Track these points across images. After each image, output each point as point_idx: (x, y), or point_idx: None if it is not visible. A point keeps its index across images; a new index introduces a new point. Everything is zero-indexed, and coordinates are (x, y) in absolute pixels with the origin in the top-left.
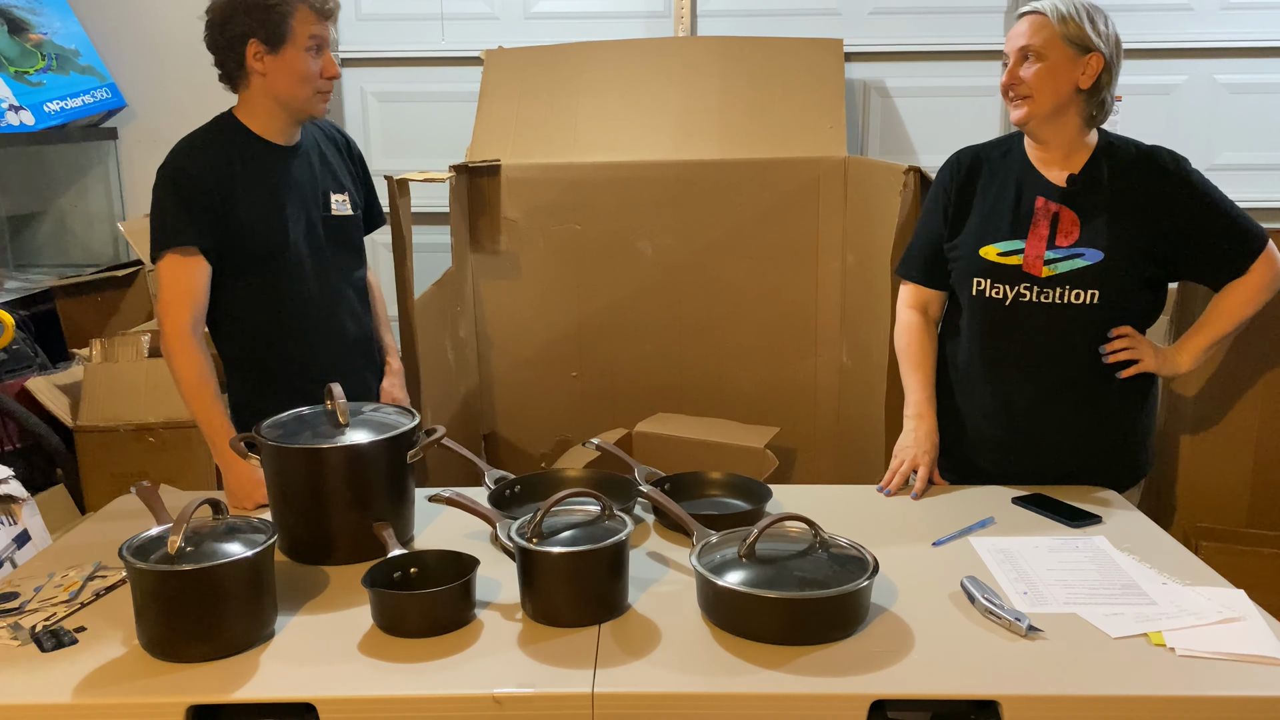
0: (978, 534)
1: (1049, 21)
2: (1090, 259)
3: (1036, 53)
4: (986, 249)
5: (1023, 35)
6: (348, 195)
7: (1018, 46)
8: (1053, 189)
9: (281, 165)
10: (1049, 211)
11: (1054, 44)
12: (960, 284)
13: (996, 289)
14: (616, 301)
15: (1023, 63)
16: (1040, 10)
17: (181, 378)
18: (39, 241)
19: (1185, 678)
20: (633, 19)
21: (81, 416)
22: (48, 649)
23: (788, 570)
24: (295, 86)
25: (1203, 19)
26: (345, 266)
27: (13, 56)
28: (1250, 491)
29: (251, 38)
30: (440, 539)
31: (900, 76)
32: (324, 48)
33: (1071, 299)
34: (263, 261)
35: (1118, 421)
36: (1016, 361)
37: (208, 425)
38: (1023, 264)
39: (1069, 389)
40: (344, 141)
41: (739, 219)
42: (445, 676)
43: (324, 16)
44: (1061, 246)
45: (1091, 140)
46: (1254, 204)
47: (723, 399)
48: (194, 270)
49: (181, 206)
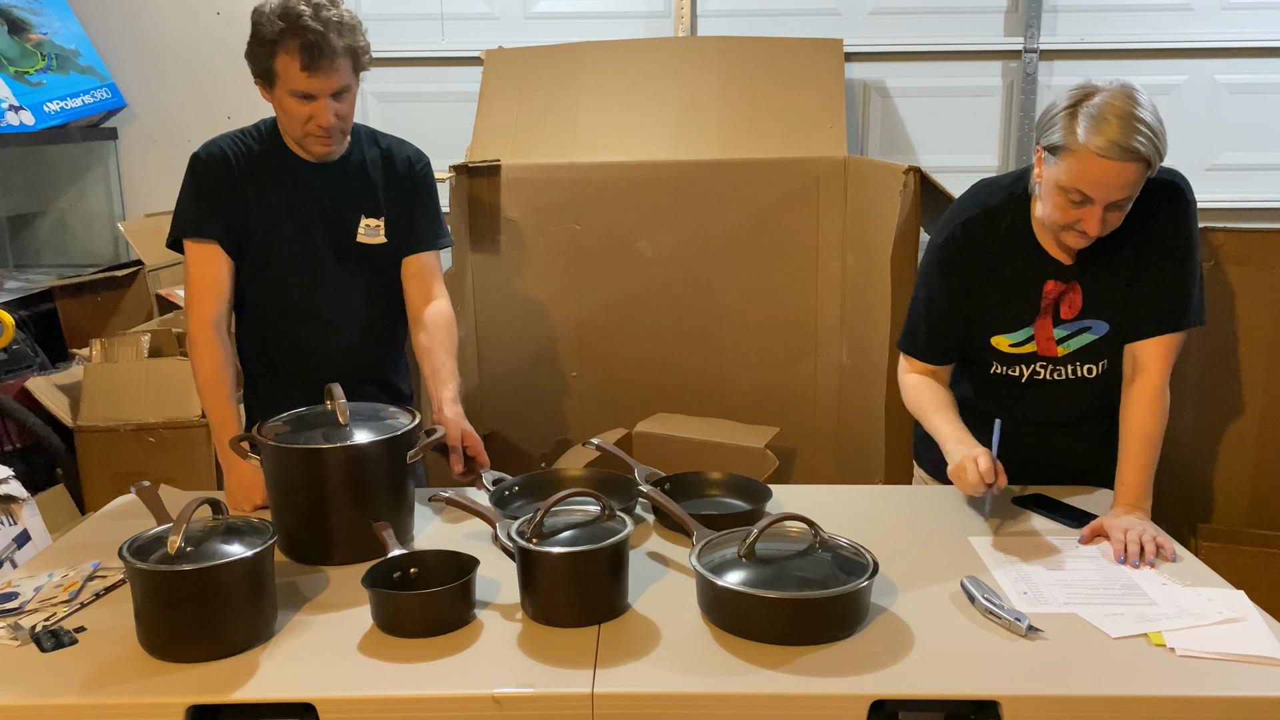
0: (977, 534)
1: (1149, 169)
2: (1097, 332)
3: (1130, 197)
4: (998, 339)
5: (1123, 188)
6: (383, 222)
7: (1118, 198)
8: (1060, 269)
9: (307, 180)
10: (1056, 292)
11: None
12: (974, 363)
13: (1014, 369)
14: (616, 301)
15: (1111, 208)
16: (1146, 157)
17: (198, 370)
18: (39, 241)
19: (1185, 678)
20: (633, 19)
21: (81, 416)
22: (48, 649)
23: (788, 570)
24: (286, 123)
25: (1203, 19)
26: (366, 294)
27: (13, 56)
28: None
29: (254, 74)
30: (440, 539)
31: (900, 76)
32: (312, 98)
33: (1084, 373)
34: (273, 268)
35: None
36: (1031, 418)
37: (216, 422)
38: (1036, 349)
39: (1083, 432)
40: (407, 167)
41: (739, 219)
42: (445, 676)
43: (311, 70)
44: (1067, 320)
45: None
46: (1254, 204)
47: (723, 399)
48: (215, 260)
49: (200, 196)
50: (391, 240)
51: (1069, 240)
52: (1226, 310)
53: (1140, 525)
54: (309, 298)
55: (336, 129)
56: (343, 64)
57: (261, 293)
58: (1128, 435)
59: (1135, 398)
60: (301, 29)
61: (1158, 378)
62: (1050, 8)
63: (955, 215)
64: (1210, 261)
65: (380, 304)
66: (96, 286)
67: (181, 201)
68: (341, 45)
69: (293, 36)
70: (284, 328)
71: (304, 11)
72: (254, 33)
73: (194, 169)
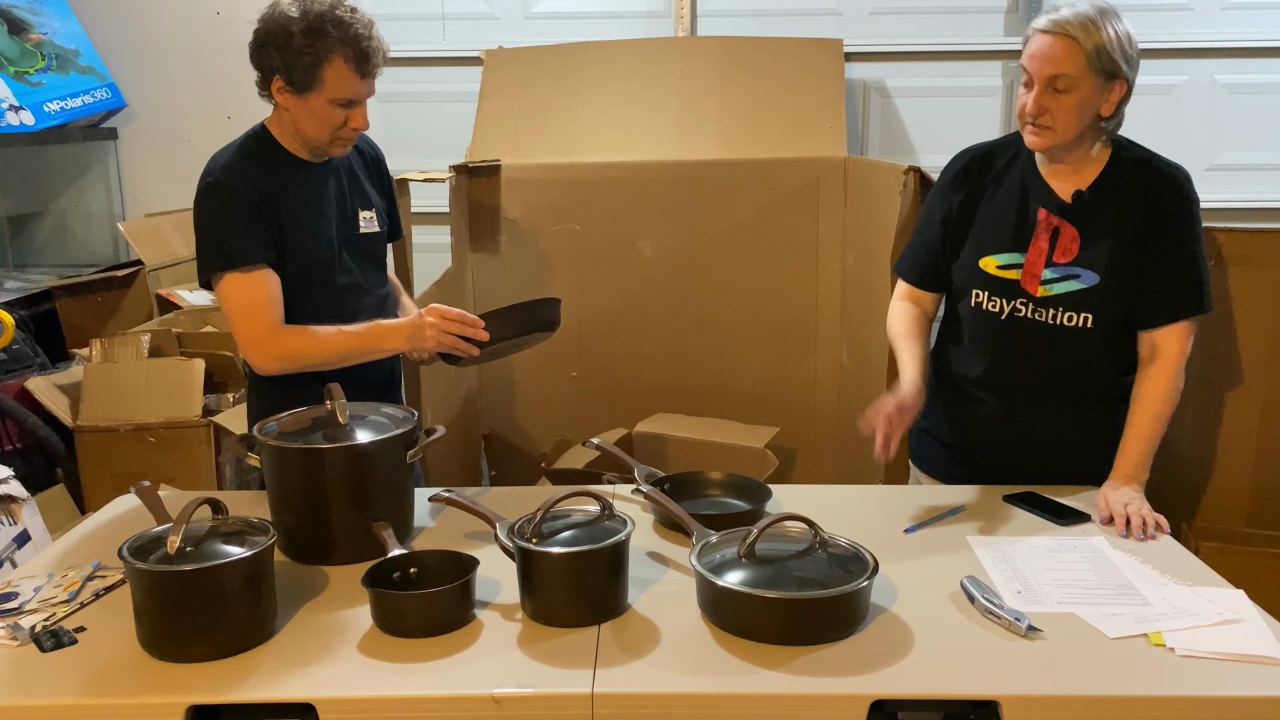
0: (977, 535)
1: (1082, 51)
2: (1086, 282)
3: (1068, 84)
4: (986, 260)
5: (1053, 63)
6: (375, 212)
7: (1047, 74)
8: (1057, 202)
9: (315, 181)
10: (1050, 225)
11: (1085, 76)
12: (959, 293)
13: (994, 302)
14: (616, 301)
15: (1048, 90)
16: (1073, 37)
17: (300, 354)
18: (39, 241)
19: (1185, 678)
20: (633, 19)
21: (81, 416)
22: (48, 649)
23: (787, 570)
24: (314, 130)
25: (1203, 19)
26: (370, 282)
27: (13, 56)
28: (1250, 491)
29: (277, 74)
30: (440, 539)
31: (900, 76)
32: (358, 103)
33: (1065, 321)
34: (303, 274)
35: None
36: (1015, 371)
37: (364, 339)
38: (1020, 279)
39: (1065, 399)
40: (373, 156)
41: (739, 219)
42: (445, 676)
43: (364, 75)
44: (1059, 264)
45: (1103, 153)
46: (1254, 204)
47: (723, 399)
48: (265, 281)
49: (238, 225)
50: (382, 230)
51: (1029, 140)
52: (1226, 310)
53: (1138, 501)
54: (327, 295)
55: None
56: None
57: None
58: (1138, 407)
59: (1152, 375)
60: (355, 37)
61: (1175, 359)
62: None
63: (964, 150)
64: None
65: (379, 294)
66: (96, 286)
67: (218, 233)
68: (384, 48)
69: (345, 45)
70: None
71: (347, 18)
72: (285, 41)
73: (223, 199)
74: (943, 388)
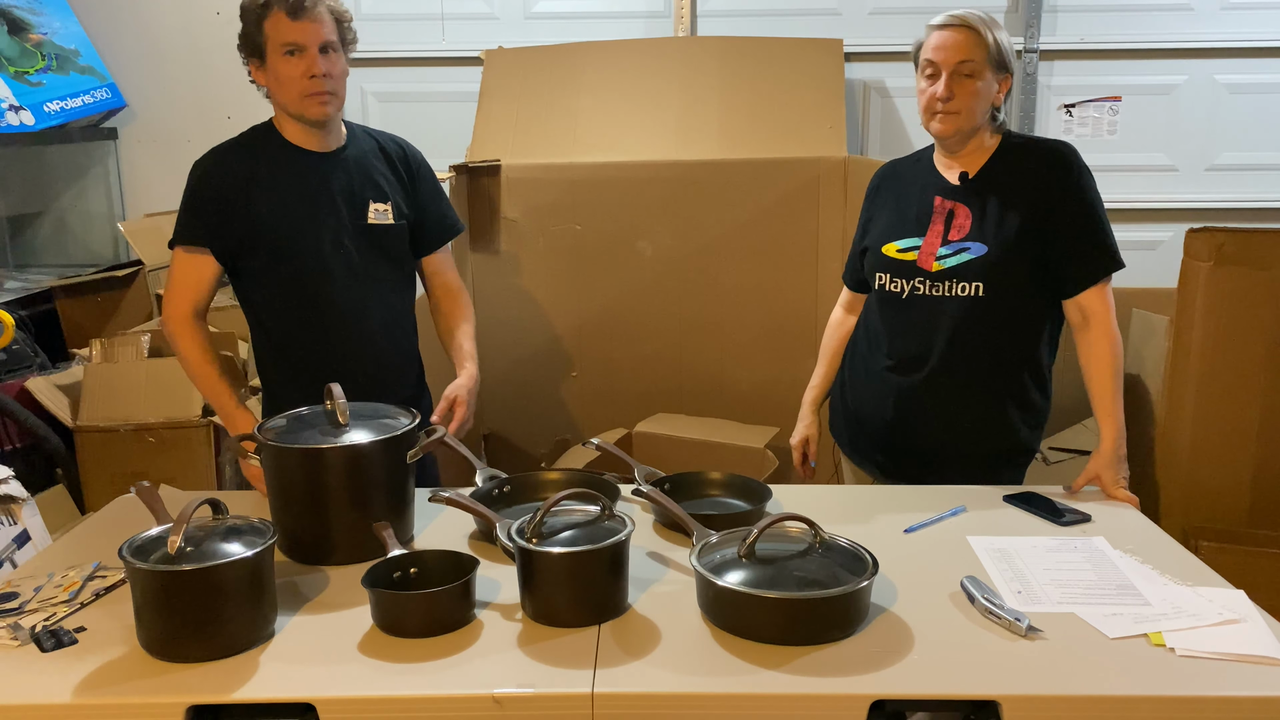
0: (977, 535)
1: (984, 42)
2: (975, 252)
3: (973, 69)
4: (888, 246)
5: (960, 49)
6: (390, 206)
7: (955, 61)
8: (949, 187)
9: (312, 170)
10: (945, 209)
11: (985, 65)
12: (870, 282)
13: (895, 283)
14: (616, 301)
15: (955, 76)
16: (975, 28)
17: (184, 357)
18: (39, 241)
19: (1185, 678)
20: (633, 19)
21: (81, 416)
22: (48, 649)
23: (787, 570)
24: (283, 94)
25: (1203, 19)
26: (381, 275)
27: (13, 56)
28: (1250, 491)
29: (246, 57)
30: (440, 539)
31: (900, 76)
32: (303, 50)
33: (958, 291)
34: (288, 260)
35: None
36: (918, 347)
37: (214, 397)
38: (917, 259)
39: (967, 373)
40: (400, 154)
41: (739, 219)
42: (445, 676)
43: (295, 16)
44: (953, 241)
45: (993, 141)
46: (1254, 204)
47: (723, 399)
48: (201, 265)
49: (195, 207)
50: (398, 223)
51: (938, 127)
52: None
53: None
54: (325, 288)
55: (331, 86)
56: (325, 16)
57: (276, 294)
58: (1094, 371)
59: (1091, 339)
60: None
61: (1106, 317)
62: (1050, 8)
63: (885, 163)
64: (1210, 261)
65: (397, 294)
66: (96, 286)
67: (181, 209)
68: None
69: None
70: (302, 324)
71: None
72: (242, 17)
73: (190, 178)
74: (856, 372)
